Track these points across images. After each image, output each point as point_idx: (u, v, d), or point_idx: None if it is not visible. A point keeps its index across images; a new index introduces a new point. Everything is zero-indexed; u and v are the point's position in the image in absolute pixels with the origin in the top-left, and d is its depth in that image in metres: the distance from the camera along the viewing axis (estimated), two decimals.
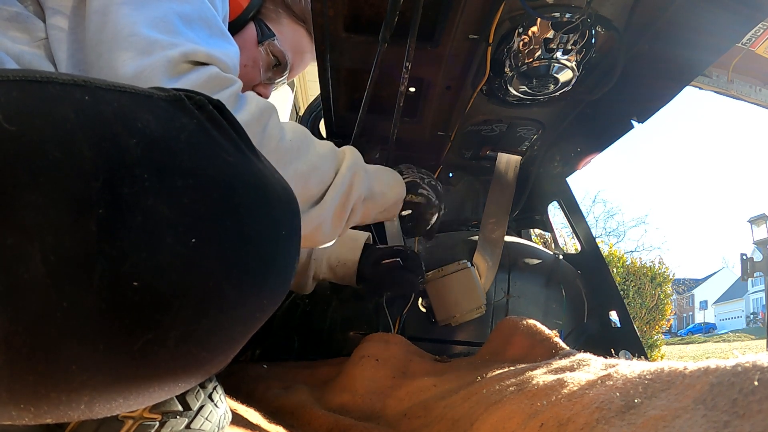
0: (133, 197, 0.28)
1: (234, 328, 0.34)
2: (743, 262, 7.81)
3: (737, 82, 2.15)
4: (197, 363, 0.33)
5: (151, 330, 0.28)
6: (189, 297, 0.30)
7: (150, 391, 0.32)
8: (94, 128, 0.28)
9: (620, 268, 6.51)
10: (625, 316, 1.15)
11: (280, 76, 0.94)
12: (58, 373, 0.27)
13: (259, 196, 0.35)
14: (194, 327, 0.30)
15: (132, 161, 0.28)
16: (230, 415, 0.55)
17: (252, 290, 0.34)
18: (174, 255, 0.29)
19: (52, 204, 0.25)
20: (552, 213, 1.45)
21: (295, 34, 0.93)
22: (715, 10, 0.75)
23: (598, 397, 0.41)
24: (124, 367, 0.29)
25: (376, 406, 0.79)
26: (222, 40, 0.59)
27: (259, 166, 0.36)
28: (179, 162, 0.30)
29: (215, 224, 0.31)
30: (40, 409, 0.28)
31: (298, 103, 4.78)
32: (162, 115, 0.31)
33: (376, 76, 0.84)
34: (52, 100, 0.27)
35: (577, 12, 0.77)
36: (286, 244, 0.37)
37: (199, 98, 0.34)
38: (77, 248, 0.26)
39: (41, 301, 0.25)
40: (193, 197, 0.30)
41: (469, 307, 1.03)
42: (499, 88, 0.94)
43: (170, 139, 0.30)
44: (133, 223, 0.27)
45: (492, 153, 1.23)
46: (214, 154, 0.33)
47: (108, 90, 0.30)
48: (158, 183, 0.29)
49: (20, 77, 0.27)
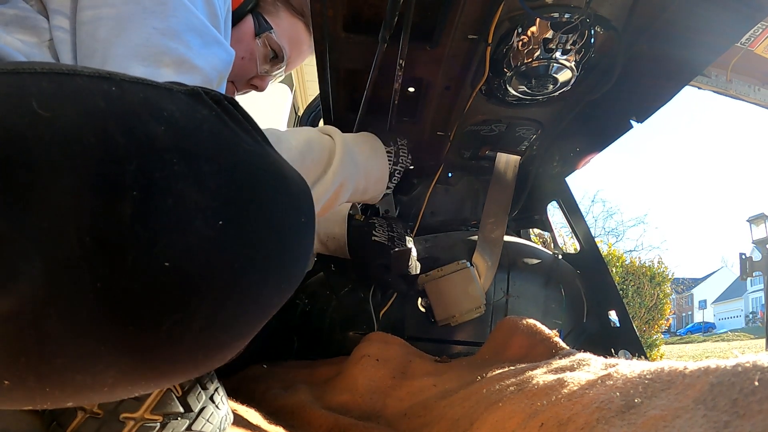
0: (165, 181, 0.28)
1: (253, 312, 0.35)
2: (742, 261, 7.82)
3: (736, 81, 2.16)
4: (217, 346, 0.33)
5: (179, 311, 0.29)
6: (215, 279, 0.30)
7: (171, 374, 0.32)
8: (124, 115, 0.28)
9: (619, 267, 6.51)
10: (625, 315, 1.15)
11: (277, 68, 0.94)
12: (87, 355, 0.28)
13: (280, 183, 0.36)
14: (218, 309, 0.31)
15: (162, 147, 0.29)
16: (231, 416, 0.55)
17: (273, 275, 0.35)
18: (202, 238, 0.30)
19: (88, 187, 0.26)
20: (551, 213, 1.45)
21: (293, 27, 0.93)
22: (714, 10, 0.75)
23: (599, 396, 0.42)
24: (151, 348, 0.29)
25: (376, 405, 0.79)
26: (214, 47, 0.58)
27: (275, 156, 0.37)
28: (204, 149, 0.31)
29: (240, 209, 0.32)
30: (64, 392, 0.29)
31: (297, 103, 4.77)
32: (183, 107, 0.32)
33: (376, 76, 0.84)
34: (82, 90, 0.28)
35: (576, 12, 0.77)
36: (304, 231, 0.38)
37: (215, 93, 0.35)
38: (112, 230, 0.26)
39: (75, 282, 0.26)
40: (219, 182, 0.31)
41: (469, 307, 1.03)
42: (499, 88, 0.94)
43: (194, 128, 0.31)
44: (164, 206, 0.28)
45: (491, 153, 1.23)
46: (235, 143, 0.34)
47: (132, 82, 0.31)
48: (187, 168, 0.30)
49: (48, 69, 0.28)
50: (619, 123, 1.03)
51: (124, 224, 0.27)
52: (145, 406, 0.45)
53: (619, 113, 1.02)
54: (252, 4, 0.86)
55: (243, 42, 0.87)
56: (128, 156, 0.27)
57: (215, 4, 0.61)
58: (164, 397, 0.47)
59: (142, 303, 0.28)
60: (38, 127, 0.25)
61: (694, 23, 0.79)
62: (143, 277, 0.27)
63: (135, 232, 0.27)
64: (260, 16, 0.88)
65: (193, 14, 0.55)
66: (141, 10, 0.51)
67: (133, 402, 0.45)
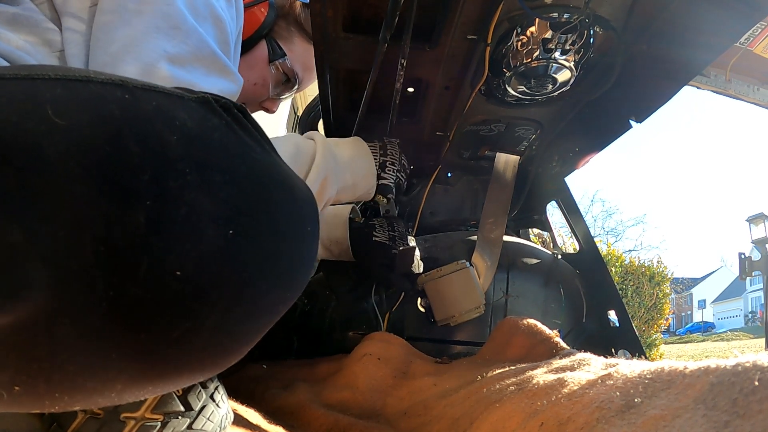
0: (178, 190, 0.29)
1: (260, 319, 0.35)
2: (741, 261, 7.84)
3: (735, 81, 2.16)
4: (224, 352, 0.34)
5: (190, 319, 0.30)
6: (225, 287, 0.31)
7: (177, 379, 0.33)
8: (138, 124, 0.28)
9: (619, 267, 6.51)
10: (624, 315, 1.15)
11: (289, 92, 0.95)
12: (99, 362, 0.28)
13: (288, 192, 0.36)
14: (227, 317, 0.32)
15: (175, 156, 0.29)
16: (232, 415, 0.55)
17: (279, 282, 0.35)
18: (214, 247, 0.30)
19: (103, 196, 0.26)
20: (550, 212, 1.45)
21: (306, 52, 0.94)
22: (714, 10, 0.75)
23: (599, 396, 0.42)
24: (161, 355, 0.30)
25: (376, 404, 0.79)
26: (219, 78, 0.58)
27: (283, 166, 0.38)
28: (215, 158, 0.31)
29: (250, 218, 0.32)
30: (73, 398, 0.29)
31: (297, 103, 4.77)
32: (195, 115, 0.32)
33: (375, 76, 0.84)
34: (96, 97, 0.28)
35: (576, 12, 0.77)
36: (309, 240, 0.39)
37: (224, 101, 0.35)
38: (126, 239, 0.27)
39: (89, 291, 0.26)
40: (230, 192, 0.31)
41: (468, 307, 1.03)
42: (498, 88, 0.94)
43: (205, 137, 0.32)
44: (178, 216, 0.28)
45: (490, 153, 1.23)
46: (245, 153, 0.34)
47: (144, 90, 0.31)
48: (199, 177, 0.30)
49: (61, 76, 0.28)
50: (619, 123, 1.03)
51: (138, 233, 0.27)
52: (145, 406, 0.45)
53: (618, 113, 1.02)
54: (266, 30, 0.86)
55: (256, 68, 0.88)
56: (142, 165, 0.27)
57: (227, 32, 0.60)
58: (165, 396, 0.47)
59: (154, 311, 0.28)
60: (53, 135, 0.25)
61: (693, 23, 0.79)
62: (155, 286, 0.28)
63: (148, 241, 0.27)
64: (274, 42, 0.89)
65: (204, 43, 0.55)
66: (155, 30, 0.51)
67: (133, 402, 0.45)
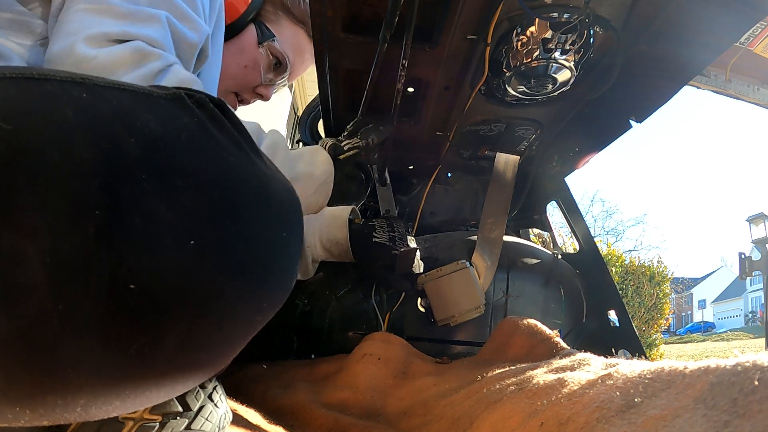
0: (132, 199, 0.27)
1: (233, 331, 0.33)
2: (742, 261, 7.84)
3: (735, 81, 2.16)
4: (196, 365, 0.32)
5: (148, 333, 0.28)
6: (188, 300, 0.29)
7: (147, 394, 0.31)
8: (92, 128, 0.27)
9: (619, 267, 6.51)
10: (624, 315, 1.15)
11: (281, 77, 0.95)
12: (55, 375, 0.27)
13: (260, 196, 0.34)
14: (193, 330, 0.30)
15: (131, 162, 0.27)
16: (230, 415, 0.55)
17: (252, 292, 0.33)
18: (173, 258, 0.28)
19: (49, 206, 0.25)
20: (550, 212, 1.45)
21: (295, 36, 0.93)
22: (714, 10, 0.75)
23: (599, 396, 0.42)
24: (121, 370, 0.28)
25: (376, 403, 0.79)
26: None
27: (260, 167, 0.36)
28: (179, 162, 0.30)
29: (215, 226, 0.31)
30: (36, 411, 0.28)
31: (297, 104, 4.78)
32: (162, 114, 0.30)
33: (376, 76, 0.84)
34: (50, 98, 0.26)
35: (576, 12, 0.77)
36: (286, 245, 0.37)
37: (200, 96, 0.33)
38: (75, 251, 0.25)
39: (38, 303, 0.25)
40: (193, 198, 0.30)
41: (468, 306, 1.03)
42: (498, 88, 0.94)
43: (170, 139, 0.30)
44: (131, 226, 0.27)
45: (490, 153, 1.23)
46: (215, 154, 0.32)
47: (106, 88, 0.29)
48: (158, 184, 0.28)
49: (17, 74, 0.26)
50: (619, 123, 1.03)
51: (88, 245, 0.25)
52: None
53: (618, 113, 1.02)
54: (254, 14, 0.86)
55: (246, 51, 0.87)
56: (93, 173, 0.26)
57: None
58: None
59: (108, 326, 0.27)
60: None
61: (693, 23, 0.79)
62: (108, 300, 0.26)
63: (99, 253, 0.26)
64: (262, 25, 0.88)
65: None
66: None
67: None
